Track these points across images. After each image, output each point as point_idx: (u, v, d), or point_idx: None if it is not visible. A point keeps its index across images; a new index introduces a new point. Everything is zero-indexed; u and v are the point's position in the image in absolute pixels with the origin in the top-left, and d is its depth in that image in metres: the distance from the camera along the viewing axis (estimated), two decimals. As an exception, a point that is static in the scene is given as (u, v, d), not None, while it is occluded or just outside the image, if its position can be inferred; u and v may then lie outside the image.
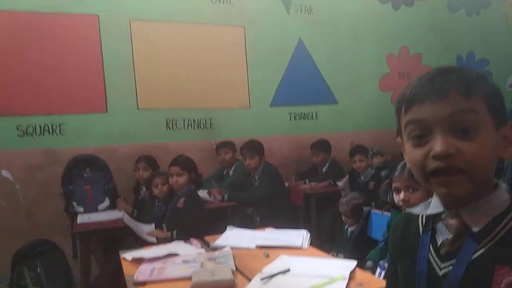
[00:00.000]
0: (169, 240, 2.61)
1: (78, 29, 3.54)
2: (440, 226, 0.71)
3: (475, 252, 0.64)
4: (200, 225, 2.71)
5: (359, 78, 4.65)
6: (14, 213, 3.26)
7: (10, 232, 3.21)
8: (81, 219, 3.04)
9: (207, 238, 1.97)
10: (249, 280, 1.38)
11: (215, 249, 1.78)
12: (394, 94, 4.89)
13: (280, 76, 4.34)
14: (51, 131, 3.43)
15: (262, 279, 1.35)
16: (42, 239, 3.27)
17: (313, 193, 3.56)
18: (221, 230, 2.14)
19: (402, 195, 1.58)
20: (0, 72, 3.25)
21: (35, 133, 3.38)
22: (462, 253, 0.65)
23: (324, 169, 3.89)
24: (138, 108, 3.72)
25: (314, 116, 4.50)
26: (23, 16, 3.34)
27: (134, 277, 1.45)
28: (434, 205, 0.72)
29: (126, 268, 1.61)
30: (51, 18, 3.43)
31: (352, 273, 1.36)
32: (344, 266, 1.40)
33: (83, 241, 2.91)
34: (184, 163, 2.81)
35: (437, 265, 0.69)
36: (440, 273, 0.68)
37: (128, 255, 1.72)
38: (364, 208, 2.57)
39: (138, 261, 1.65)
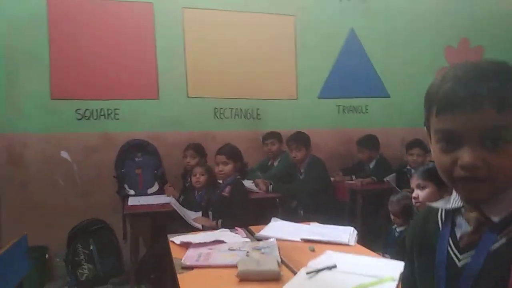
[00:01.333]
0: (214, 228, 2.67)
1: (133, 17, 3.66)
2: (459, 220, 0.72)
3: (494, 243, 0.65)
4: (245, 214, 2.73)
5: (414, 71, 4.44)
6: (71, 193, 3.47)
7: (67, 210, 3.42)
8: (132, 201, 3.17)
9: (252, 228, 1.98)
10: (294, 272, 1.38)
11: (260, 239, 1.79)
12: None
13: (329, 67, 4.25)
14: (106, 115, 3.59)
15: (307, 273, 1.33)
16: (96, 219, 3.47)
17: (360, 189, 3.47)
18: (265, 221, 2.15)
19: (414, 193, 1.85)
20: (59, 57, 3.44)
21: (92, 117, 3.55)
22: (481, 244, 0.66)
23: (371, 165, 3.77)
24: (188, 96, 3.80)
25: (364, 110, 4.37)
26: (81, 3, 3.50)
27: (182, 261, 1.48)
28: (454, 200, 0.73)
29: (174, 251, 1.65)
30: (107, 4, 3.57)
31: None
32: (393, 266, 1.35)
33: (133, 222, 3.03)
34: (230, 152, 2.84)
35: (456, 256, 0.70)
36: (459, 264, 0.69)
37: (176, 239, 1.77)
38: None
39: (186, 245, 1.69)
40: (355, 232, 1.88)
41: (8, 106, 3.33)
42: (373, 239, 3.27)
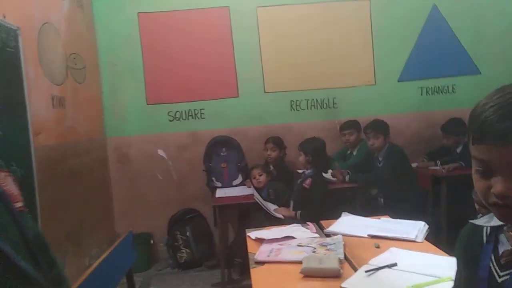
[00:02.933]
0: (293, 218, 2.85)
1: (212, 21, 3.93)
2: (502, 237, 0.75)
3: None
4: (324, 206, 2.87)
5: (506, 43, 4.03)
6: (168, 186, 3.94)
7: (165, 201, 3.90)
8: (219, 193, 3.50)
9: (323, 222, 2.10)
10: (356, 270, 1.48)
11: (328, 235, 1.91)
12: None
13: (409, 48, 4.07)
14: (194, 115, 3.96)
15: (367, 271, 1.43)
16: (190, 208, 3.90)
17: (444, 176, 3.33)
18: (339, 214, 2.24)
19: None
20: (151, 68, 3.88)
21: (182, 118, 3.95)
22: None
23: (458, 150, 3.57)
24: (265, 91, 3.99)
25: (450, 90, 4.12)
26: (166, 16, 3.88)
27: (255, 257, 1.68)
28: (495, 218, 0.75)
29: (250, 246, 1.86)
30: (189, 14, 3.89)
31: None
32: (455, 265, 1.38)
33: (221, 212, 3.35)
34: (305, 147, 2.99)
35: (497, 273, 0.73)
36: (499, 280, 0.72)
37: (252, 234, 1.98)
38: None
39: (260, 240, 1.89)
40: (426, 227, 1.89)
41: (114, 113, 3.87)
42: (460, 227, 3.15)
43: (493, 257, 0.75)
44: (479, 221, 0.81)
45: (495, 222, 0.76)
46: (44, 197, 2.46)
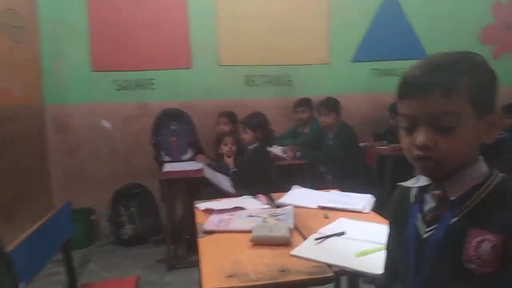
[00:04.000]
0: (241, 190, 2.81)
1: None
2: (427, 197, 0.80)
3: (453, 218, 0.74)
4: (267, 179, 2.85)
5: (455, 29, 4.21)
6: (113, 159, 3.74)
7: (110, 175, 3.70)
8: (168, 167, 3.36)
9: (274, 195, 2.08)
10: (305, 238, 1.47)
11: (278, 206, 1.89)
12: (497, 48, 4.36)
13: (364, 30, 4.13)
14: (143, 85, 3.76)
15: (316, 239, 1.42)
16: (136, 183, 3.74)
17: (389, 154, 3.44)
18: (289, 188, 2.23)
19: None
20: (97, 31, 3.61)
21: (130, 88, 3.73)
22: (442, 219, 0.75)
23: (404, 131, 3.70)
24: (219, 64, 3.87)
25: (400, 73, 4.19)
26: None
27: (204, 226, 1.62)
28: (424, 179, 0.80)
29: (198, 217, 1.80)
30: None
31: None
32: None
33: (169, 186, 3.23)
34: (248, 121, 2.93)
35: (422, 230, 0.79)
36: (424, 236, 0.78)
37: (201, 205, 1.90)
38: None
39: (209, 211, 1.82)
40: (373, 199, 1.92)
41: (54, 79, 3.57)
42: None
43: (419, 216, 0.80)
44: (407, 183, 0.85)
45: (421, 182, 0.81)
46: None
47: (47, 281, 2.69)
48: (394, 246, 0.89)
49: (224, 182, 3.04)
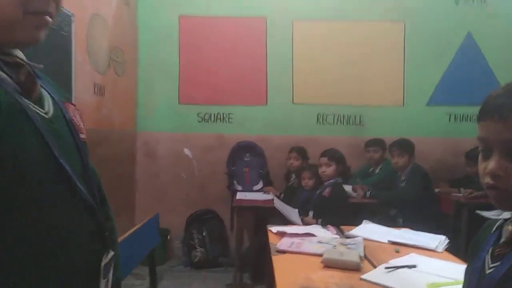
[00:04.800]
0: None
1: (248, 30, 4.08)
2: (504, 230, 0.74)
3: None
4: (342, 215, 2.87)
5: (541, 77, 4.00)
6: (190, 185, 4.02)
7: (186, 200, 3.98)
8: (239, 196, 3.55)
9: (344, 227, 2.13)
10: (375, 267, 1.51)
11: (348, 237, 1.94)
12: None
13: (441, 73, 4.10)
14: (222, 119, 4.07)
15: (386, 267, 1.46)
16: (209, 209, 3.96)
17: (466, 202, 3.30)
18: (358, 224, 2.26)
19: None
20: (187, 69, 4.03)
21: (210, 120, 4.06)
22: (507, 257, 0.69)
23: (482, 178, 3.53)
24: (293, 102, 4.07)
25: (478, 119, 4.09)
26: (205, 20, 4.05)
27: (277, 246, 1.73)
28: (508, 212, 0.75)
29: (271, 238, 1.91)
30: (227, 21, 4.05)
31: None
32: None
33: (239, 214, 3.39)
34: (332, 154, 3.01)
35: (488, 264, 0.74)
36: (487, 272, 0.72)
37: (274, 228, 2.03)
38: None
39: (281, 234, 1.93)
40: (447, 240, 1.90)
41: (146, 108, 4.02)
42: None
43: (490, 250, 0.75)
44: (488, 213, 0.82)
45: (505, 215, 0.75)
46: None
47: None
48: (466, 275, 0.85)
49: (292, 214, 3.13)
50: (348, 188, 3.44)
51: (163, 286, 3.31)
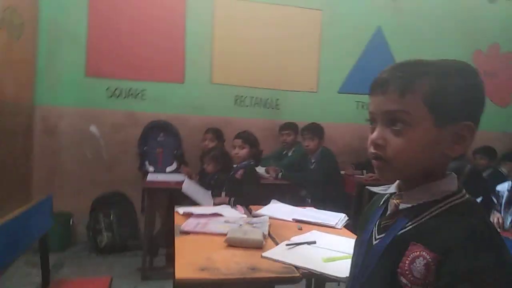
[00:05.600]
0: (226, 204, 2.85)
1: (167, 3, 3.86)
2: (389, 204, 0.79)
3: (401, 229, 0.72)
4: (254, 197, 2.89)
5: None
6: (97, 165, 3.75)
7: (92, 181, 3.70)
8: (151, 177, 3.40)
9: (252, 207, 2.14)
10: (277, 244, 1.53)
11: (255, 216, 1.95)
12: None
13: (352, 63, 4.32)
14: (134, 95, 3.83)
15: (287, 244, 1.48)
16: (117, 191, 3.75)
17: (367, 184, 3.54)
18: (268, 204, 2.30)
19: None
20: (96, 37, 3.70)
21: (121, 96, 3.80)
22: (391, 228, 0.74)
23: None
24: (211, 82, 3.99)
25: (384, 108, 4.41)
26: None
27: (181, 227, 1.67)
28: (393, 187, 0.79)
29: (177, 220, 1.85)
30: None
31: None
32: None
33: (150, 196, 3.25)
34: (246, 137, 3.00)
35: (375, 236, 0.78)
36: (374, 242, 0.77)
37: (180, 209, 1.96)
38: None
39: (188, 215, 1.88)
40: (346, 218, 2.00)
41: (47, 79, 3.62)
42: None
43: (377, 222, 0.79)
44: (375, 188, 0.85)
45: (390, 190, 0.79)
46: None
47: (20, 282, 2.65)
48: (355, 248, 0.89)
49: (205, 196, 3.07)
50: (261, 169, 3.49)
51: (64, 274, 3.06)
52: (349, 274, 0.86)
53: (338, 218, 1.95)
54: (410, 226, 0.71)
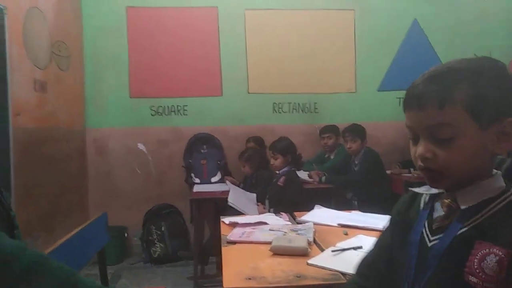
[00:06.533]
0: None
1: (200, 20, 4.01)
2: (437, 205, 0.78)
3: (461, 229, 0.71)
4: (297, 203, 2.91)
5: (483, 61, 4.22)
6: (146, 180, 3.93)
7: (142, 196, 3.89)
8: (197, 188, 3.52)
9: (296, 213, 2.15)
10: (323, 251, 1.53)
11: (300, 223, 1.96)
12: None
13: (390, 59, 4.22)
14: (176, 111, 3.99)
15: (333, 251, 1.48)
16: (167, 204, 3.90)
17: (415, 182, 3.43)
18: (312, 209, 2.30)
19: None
20: (136, 61, 3.91)
21: (164, 113, 3.97)
22: (449, 229, 0.73)
23: (431, 158, 3.70)
24: (248, 92, 4.06)
25: (427, 102, 4.26)
26: (154, 11, 3.93)
27: (227, 237, 1.72)
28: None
29: (224, 230, 1.90)
30: (178, 11, 3.95)
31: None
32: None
33: (197, 207, 3.36)
34: (274, 147, 3.04)
35: (428, 237, 0.77)
36: (429, 244, 0.76)
37: (226, 219, 2.01)
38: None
39: (234, 225, 1.93)
40: (393, 220, 1.96)
41: (95, 104, 3.87)
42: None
43: (426, 223, 0.79)
44: (419, 189, 0.84)
45: (434, 190, 0.80)
46: (19, 180, 2.45)
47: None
48: (392, 249, 0.87)
49: (249, 204, 3.12)
50: (304, 174, 3.50)
51: (122, 284, 3.23)
52: (393, 280, 0.84)
53: (385, 221, 1.91)
54: (470, 225, 0.71)
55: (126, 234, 3.81)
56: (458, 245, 0.70)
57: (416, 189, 0.85)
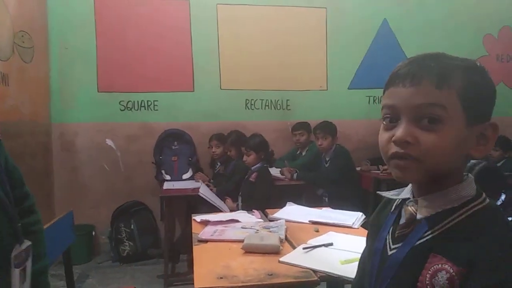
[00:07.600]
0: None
1: (171, 14, 3.91)
2: (403, 211, 0.73)
3: (419, 239, 0.67)
4: (268, 199, 2.92)
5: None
6: (115, 177, 3.82)
7: (111, 193, 3.78)
8: (167, 185, 3.46)
9: (268, 211, 2.16)
10: (294, 248, 1.54)
11: (272, 220, 1.97)
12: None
13: (360, 58, 4.29)
14: (147, 107, 3.90)
15: (304, 248, 1.50)
16: (137, 201, 3.81)
17: (384, 178, 3.53)
18: (284, 205, 2.31)
19: None
20: (105, 55, 3.78)
21: (134, 108, 3.87)
22: (409, 238, 0.69)
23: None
24: (221, 88, 4.02)
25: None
26: (124, 2, 3.79)
27: (199, 236, 1.70)
28: (406, 191, 0.74)
29: (195, 228, 1.88)
30: (147, 3, 3.84)
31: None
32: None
33: (168, 204, 3.32)
34: (247, 144, 3.04)
35: (389, 246, 0.72)
36: (389, 253, 0.71)
37: (198, 217, 1.99)
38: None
39: (205, 223, 1.91)
40: (363, 217, 2.00)
41: (61, 98, 3.72)
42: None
43: (391, 230, 0.74)
44: (388, 193, 0.79)
45: (403, 195, 0.74)
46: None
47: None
48: (365, 258, 0.84)
49: (219, 200, 3.11)
50: (276, 171, 3.51)
51: (89, 284, 3.14)
52: (358, 281, 0.84)
53: (354, 218, 1.95)
54: (429, 236, 0.66)
55: (93, 233, 3.69)
56: (415, 256, 0.66)
57: (384, 193, 0.80)
